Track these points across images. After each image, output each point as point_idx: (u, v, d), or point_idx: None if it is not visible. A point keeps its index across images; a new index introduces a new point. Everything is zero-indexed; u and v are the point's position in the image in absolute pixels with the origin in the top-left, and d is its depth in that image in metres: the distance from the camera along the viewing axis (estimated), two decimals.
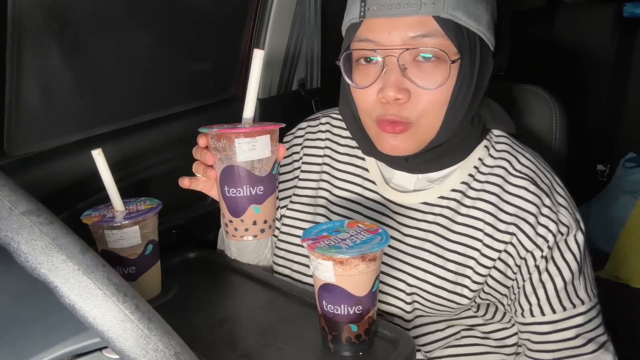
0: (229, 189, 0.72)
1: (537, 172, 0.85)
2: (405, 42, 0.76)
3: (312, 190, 0.97)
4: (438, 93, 0.78)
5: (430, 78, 0.77)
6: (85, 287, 0.44)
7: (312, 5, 1.27)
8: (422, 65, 0.77)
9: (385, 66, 0.77)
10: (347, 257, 0.66)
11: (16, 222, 0.45)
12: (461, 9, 0.76)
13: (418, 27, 0.75)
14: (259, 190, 0.72)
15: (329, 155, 0.97)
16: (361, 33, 0.79)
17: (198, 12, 1.10)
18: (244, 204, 0.73)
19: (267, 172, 0.73)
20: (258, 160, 0.71)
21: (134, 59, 1.02)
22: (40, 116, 0.91)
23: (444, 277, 0.83)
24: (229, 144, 0.70)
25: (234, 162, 0.71)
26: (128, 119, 1.06)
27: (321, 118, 1.01)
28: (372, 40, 0.78)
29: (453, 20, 0.75)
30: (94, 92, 0.99)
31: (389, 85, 0.77)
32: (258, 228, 0.74)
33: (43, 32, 0.85)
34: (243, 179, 0.72)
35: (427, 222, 0.86)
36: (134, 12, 0.98)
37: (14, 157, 0.90)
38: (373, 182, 0.92)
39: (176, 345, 0.45)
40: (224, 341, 0.75)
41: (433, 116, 0.79)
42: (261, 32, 1.25)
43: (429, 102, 0.78)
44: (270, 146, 0.72)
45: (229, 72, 1.25)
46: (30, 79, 0.86)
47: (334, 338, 0.71)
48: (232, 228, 0.75)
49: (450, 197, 0.85)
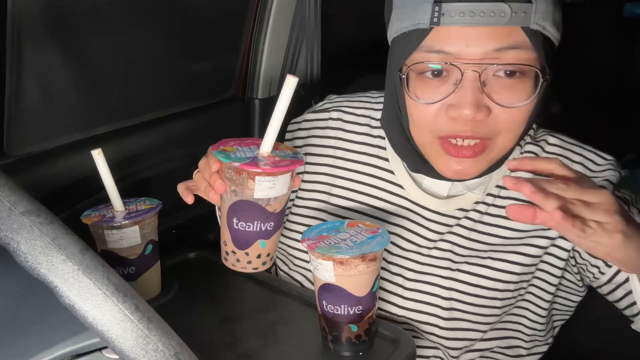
0: (239, 222, 0.68)
1: (564, 153, 0.80)
2: (487, 54, 0.66)
3: (320, 194, 0.90)
4: (521, 110, 0.69)
5: (513, 95, 0.68)
6: (85, 287, 0.44)
7: (312, 5, 1.27)
8: (503, 81, 0.68)
9: (461, 81, 0.68)
10: (347, 257, 0.66)
11: (16, 222, 0.45)
12: (549, 18, 0.67)
13: (504, 39, 0.66)
14: (269, 226, 0.69)
15: (340, 156, 0.89)
16: (431, 42, 0.68)
17: (198, 12, 1.10)
18: (251, 239, 0.69)
19: (281, 208, 0.70)
20: (275, 197, 0.67)
21: (133, 59, 1.02)
22: (40, 116, 0.91)
23: (482, 275, 0.80)
24: (248, 180, 0.65)
25: (249, 198, 0.66)
26: (128, 119, 1.06)
27: (331, 111, 0.92)
28: (446, 52, 0.67)
29: (541, 32, 0.67)
30: (94, 92, 0.98)
31: (465, 103, 0.67)
32: (261, 261, 0.72)
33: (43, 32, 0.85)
34: (256, 215, 0.68)
35: (459, 226, 0.82)
36: (133, 12, 0.98)
37: (14, 157, 0.90)
38: (399, 185, 0.85)
39: (176, 346, 0.45)
40: (224, 341, 0.75)
41: (511, 134, 0.71)
42: (261, 32, 1.25)
43: (510, 120, 0.69)
44: (288, 183, 0.68)
45: (229, 72, 1.25)
46: (30, 79, 0.86)
47: (334, 338, 0.71)
48: (233, 258, 0.71)
49: (485, 202, 0.81)
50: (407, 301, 0.83)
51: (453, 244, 0.82)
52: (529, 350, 0.87)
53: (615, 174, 0.79)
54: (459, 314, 0.81)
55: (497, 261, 0.80)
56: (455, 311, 0.81)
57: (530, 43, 0.67)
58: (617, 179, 0.79)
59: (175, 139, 1.13)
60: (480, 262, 0.81)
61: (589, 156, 0.81)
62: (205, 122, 1.22)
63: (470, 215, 0.82)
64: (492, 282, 0.80)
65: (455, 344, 0.83)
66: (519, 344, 0.86)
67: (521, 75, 0.68)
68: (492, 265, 0.80)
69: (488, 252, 0.81)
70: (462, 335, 0.82)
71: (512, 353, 0.87)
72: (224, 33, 1.20)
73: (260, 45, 1.26)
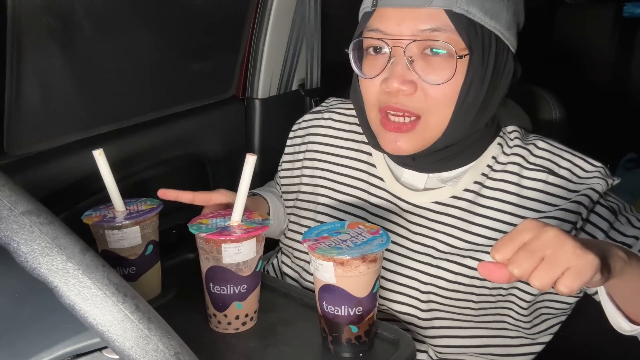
0: (214, 286, 0.75)
1: (553, 158, 0.82)
2: (415, 34, 0.75)
3: (313, 187, 0.96)
4: (445, 89, 0.76)
5: (436, 72, 0.75)
6: (85, 287, 0.44)
7: (312, 5, 1.27)
8: (430, 60, 0.76)
9: (392, 57, 0.76)
10: (347, 258, 0.66)
11: (16, 222, 0.45)
12: (476, 4, 0.74)
13: (429, 20, 0.74)
14: (242, 289, 0.75)
15: (329, 152, 0.96)
16: (372, 22, 0.78)
17: (198, 12, 1.10)
18: (227, 301, 0.75)
19: (252, 271, 0.75)
20: (243, 262, 0.73)
21: (134, 59, 1.02)
22: (40, 116, 0.91)
23: (460, 273, 0.81)
24: (216, 247, 0.72)
25: (220, 264, 0.73)
26: (128, 119, 1.06)
27: (324, 112, 1.00)
28: (381, 31, 0.77)
29: (466, 16, 0.74)
30: (94, 92, 0.98)
31: (393, 75, 0.76)
32: (240, 322, 0.76)
33: (43, 32, 0.85)
34: (228, 279, 0.74)
35: (438, 222, 0.84)
36: (133, 12, 0.98)
37: (14, 157, 0.90)
38: (380, 178, 0.90)
39: (176, 346, 0.45)
40: (224, 342, 0.75)
41: (440, 113, 0.77)
42: (261, 32, 1.25)
43: (436, 98, 0.76)
44: (255, 248, 0.74)
45: (229, 72, 1.25)
46: (30, 79, 0.86)
47: (334, 339, 0.71)
48: (215, 321, 0.77)
49: (463, 198, 0.83)
50: (386, 291, 0.85)
51: (435, 240, 0.84)
52: (518, 349, 0.87)
53: (601, 182, 0.79)
54: (436, 305, 0.83)
55: (475, 261, 0.81)
56: (433, 303, 0.83)
57: (453, 26, 0.74)
58: (604, 187, 0.79)
59: (175, 139, 1.13)
60: (460, 261, 0.82)
61: (578, 162, 0.82)
62: (205, 122, 1.22)
63: (451, 212, 0.84)
64: (470, 279, 0.81)
65: (439, 341, 0.84)
66: (506, 342, 0.86)
67: (446, 55, 0.75)
68: (470, 265, 0.81)
69: (469, 252, 0.82)
70: (440, 324, 0.84)
71: (501, 352, 0.87)
72: (224, 33, 1.20)
73: (260, 45, 1.26)
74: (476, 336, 0.85)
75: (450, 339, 0.84)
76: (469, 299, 0.82)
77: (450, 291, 0.82)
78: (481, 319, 0.83)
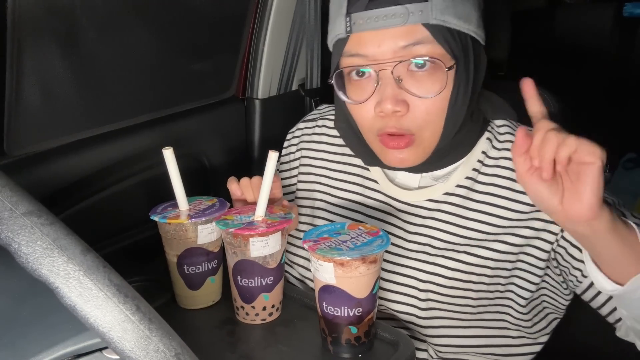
0: (242, 279, 0.77)
1: None
2: (397, 52, 0.74)
3: (310, 192, 0.97)
4: (437, 101, 0.76)
5: (426, 87, 0.75)
6: (86, 288, 0.44)
7: (312, 5, 1.26)
8: (417, 75, 0.76)
9: (379, 80, 0.76)
10: (347, 258, 0.66)
11: (17, 223, 0.45)
12: (450, 11, 0.74)
13: (408, 36, 0.74)
14: (269, 280, 0.77)
15: (324, 158, 0.97)
16: (350, 48, 0.77)
17: (198, 12, 1.10)
18: (255, 293, 0.77)
19: (277, 263, 0.78)
20: (270, 254, 0.76)
21: (134, 59, 1.02)
22: (40, 116, 0.91)
23: (457, 268, 0.82)
24: (244, 242, 0.75)
25: (248, 257, 0.76)
26: (128, 119, 1.06)
27: (318, 120, 1.01)
28: (362, 55, 0.76)
29: (443, 25, 0.74)
30: (94, 92, 0.98)
31: (386, 98, 0.75)
32: (267, 312, 0.79)
33: (43, 32, 0.85)
34: (255, 272, 0.76)
35: (433, 219, 0.85)
36: (134, 12, 0.98)
37: (14, 157, 0.90)
38: (374, 180, 0.91)
39: (177, 346, 0.45)
40: (224, 342, 0.75)
41: (434, 125, 0.78)
42: (261, 32, 1.25)
43: (429, 112, 0.76)
44: (280, 240, 0.77)
45: (229, 72, 1.25)
46: (30, 79, 0.86)
47: (333, 340, 0.71)
48: (243, 313, 0.79)
49: (455, 194, 0.85)
50: (384, 291, 0.85)
51: (430, 237, 0.85)
52: (519, 349, 0.87)
53: None
54: (435, 303, 0.83)
55: (471, 256, 0.82)
56: (432, 301, 0.83)
57: (432, 37, 0.74)
58: None
59: (175, 139, 1.13)
60: (456, 257, 0.82)
61: None
62: (205, 122, 1.22)
63: (445, 208, 0.85)
64: (467, 274, 0.82)
65: (439, 340, 0.84)
66: (507, 342, 0.86)
67: (432, 66, 0.75)
68: (467, 260, 0.82)
69: (464, 247, 0.83)
70: (439, 322, 0.84)
71: (503, 352, 0.87)
72: (224, 33, 1.20)
73: (260, 45, 1.26)
74: (477, 336, 0.85)
75: (451, 338, 0.84)
76: (467, 295, 0.82)
77: (448, 288, 0.82)
78: (481, 317, 0.84)
